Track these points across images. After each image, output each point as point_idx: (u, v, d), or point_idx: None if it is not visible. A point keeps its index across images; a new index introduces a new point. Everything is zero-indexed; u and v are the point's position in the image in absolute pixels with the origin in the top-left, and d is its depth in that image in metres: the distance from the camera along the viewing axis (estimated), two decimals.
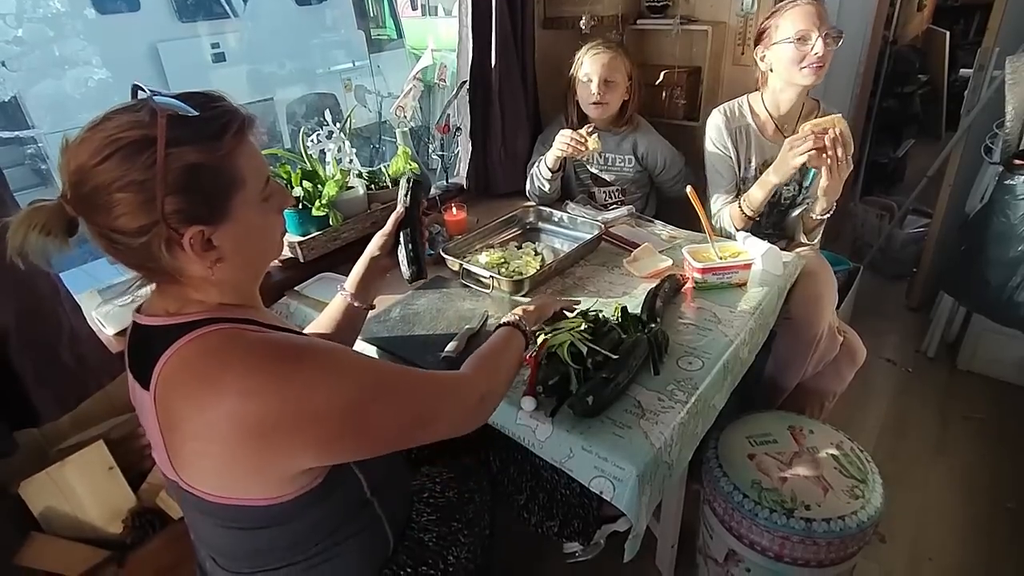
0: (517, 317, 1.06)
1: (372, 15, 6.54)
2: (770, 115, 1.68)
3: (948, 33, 4.13)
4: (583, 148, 1.67)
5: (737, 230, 1.62)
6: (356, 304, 1.11)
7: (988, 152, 2.06)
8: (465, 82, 1.87)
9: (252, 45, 5.05)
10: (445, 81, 1.92)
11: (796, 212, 1.70)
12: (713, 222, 1.70)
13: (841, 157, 1.43)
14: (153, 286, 0.77)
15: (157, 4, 4.45)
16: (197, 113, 0.68)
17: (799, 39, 1.48)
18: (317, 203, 1.53)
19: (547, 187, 1.85)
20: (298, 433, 0.68)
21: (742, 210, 1.61)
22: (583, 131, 1.68)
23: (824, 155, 1.42)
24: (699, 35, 2.00)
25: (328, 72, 5.41)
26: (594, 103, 1.82)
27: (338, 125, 1.61)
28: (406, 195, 1.14)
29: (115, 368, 1.19)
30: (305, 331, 1.14)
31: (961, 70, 2.35)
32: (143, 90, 0.70)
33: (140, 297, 0.78)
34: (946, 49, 4.16)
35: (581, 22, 1.95)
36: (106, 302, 1.33)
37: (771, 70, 1.58)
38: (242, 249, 0.75)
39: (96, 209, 0.67)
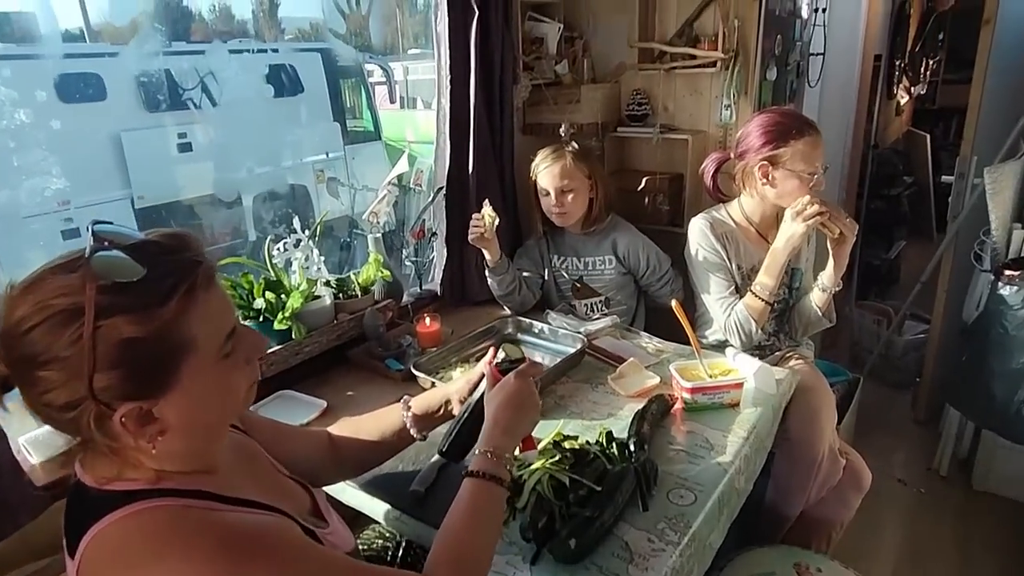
0: (487, 454, 0.91)
1: (349, 106, 6.94)
2: (750, 223, 1.79)
3: (929, 136, 4.49)
4: (482, 225, 1.76)
5: (756, 324, 1.67)
6: (411, 428, 1.08)
7: (978, 259, 2.18)
8: (442, 188, 1.96)
9: (222, 135, 5.27)
10: (421, 185, 2.02)
11: (803, 301, 1.78)
12: (723, 327, 1.74)
13: (846, 218, 1.57)
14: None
15: (124, 93, 4.68)
16: (143, 272, 0.64)
17: (814, 172, 1.62)
18: (280, 315, 1.55)
19: (498, 288, 1.92)
20: None
21: (759, 297, 1.66)
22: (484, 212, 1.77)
23: (829, 218, 1.57)
24: (679, 143, 2.15)
25: (300, 163, 5.64)
26: (556, 213, 1.93)
27: (307, 232, 1.67)
28: (500, 363, 1.08)
29: (37, 505, 1.14)
30: (341, 429, 1.10)
31: (943, 176, 2.53)
32: (95, 237, 0.65)
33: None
34: (928, 151, 4.50)
35: (561, 129, 2.08)
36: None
37: (770, 186, 1.68)
38: (192, 418, 0.71)
39: (22, 380, 0.66)
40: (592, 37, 2.27)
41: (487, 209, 1.77)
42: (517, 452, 1.06)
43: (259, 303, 1.56)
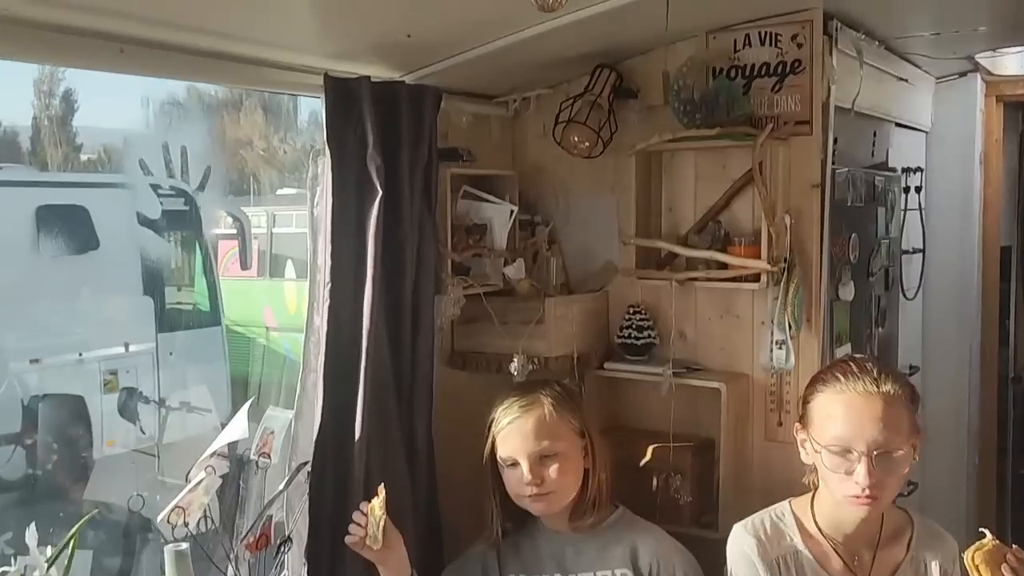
0: None
1: (174, 269, 6.97)
2: (827, 537, 1.77)
3: None
4: (365, 524, 1.71)
5: None
6: None
7: None
8: (305, 464, 1.93)
9: None
10: (270, 457, 1.96)
11: None
12: None
13: None
14: None
15: None
16: None
17: (840, 451, 1.64)
18: None
19: None
20: None
21: None
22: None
23: None
24: (706, 393, 2.19)
25: (78, 361, 5.51)
26: (532, 496, 1.90)
27: (48, 552, 1.57)
28: None
29: None
30: None
31: None
32: None
33: None
34: None
35: (512, 366, 2.12)
36: None
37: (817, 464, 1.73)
38: None
39: None
40: (563, 224, 2.40)
41: (378, 500, 1.73)
42: None
43: None
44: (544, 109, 2.35)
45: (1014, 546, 1.52)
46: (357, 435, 1.95)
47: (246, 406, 1.95)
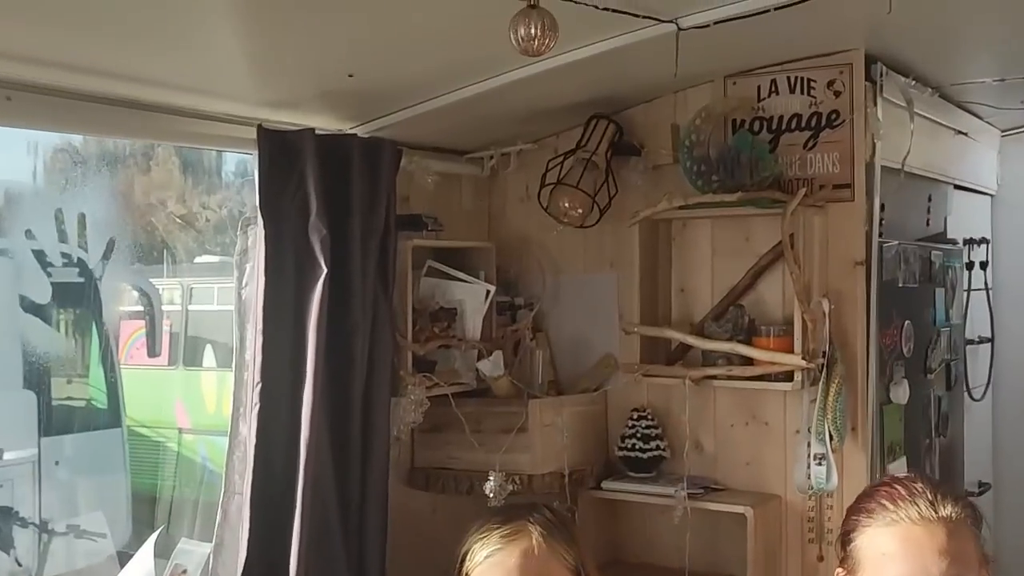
0: None
1: (64, 358, 6.87)
2: None
3: None
4: None
5: None
6: None
7: None
8: None
9: None
10: None
11: None
12: None
13: None
14: None
15: None
16: None
17: None
18: None
19: None
20: None
21: None
22: None
23: None
24: (730, 519, 2.15)
25: None
26: None
27: None
28: None
29: None
30: None
31: None
32: None
33: None
34: None
35: (487, 486, 2.08)
36: None
37: None
38: None
39: None
40: (551, 308, 2.40)
41: None
42: None
43: None
44: (528, 168, 2.36)
45: None
46: (293, 568, 1.90)
47: (152, 537, 1.92)
